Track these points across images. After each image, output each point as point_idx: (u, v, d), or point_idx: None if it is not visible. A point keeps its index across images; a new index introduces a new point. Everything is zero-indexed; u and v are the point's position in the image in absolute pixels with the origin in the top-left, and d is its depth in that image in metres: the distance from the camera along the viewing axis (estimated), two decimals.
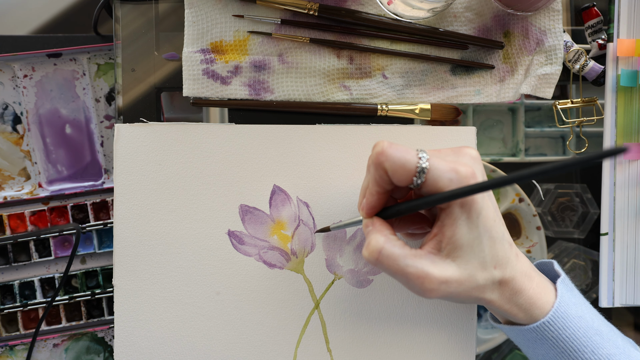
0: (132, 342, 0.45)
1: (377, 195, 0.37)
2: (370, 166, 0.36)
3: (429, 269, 0.35)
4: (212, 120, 0.48)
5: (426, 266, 0.35)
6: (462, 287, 0.36)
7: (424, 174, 0.35)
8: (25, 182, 0.53)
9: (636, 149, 0.48)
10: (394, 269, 0.35)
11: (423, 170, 0.34)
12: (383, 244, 0.35)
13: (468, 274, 0.36)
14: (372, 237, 0.36)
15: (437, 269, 0.35)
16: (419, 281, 0.35)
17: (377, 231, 0.36)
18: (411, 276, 0.35)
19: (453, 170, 0.35)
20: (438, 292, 0.35)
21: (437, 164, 0.35)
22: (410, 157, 0.35)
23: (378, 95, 0.48)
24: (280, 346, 0.45)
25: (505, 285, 0.37)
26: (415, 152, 0.35)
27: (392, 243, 0.35)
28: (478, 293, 0.37)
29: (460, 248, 0.35)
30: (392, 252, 0.35)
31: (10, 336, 0.52)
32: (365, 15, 0.47)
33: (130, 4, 0.48)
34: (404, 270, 0.35)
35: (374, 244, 0.35)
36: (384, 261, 0.35)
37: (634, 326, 0.51)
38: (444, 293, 0.35)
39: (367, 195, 0.37)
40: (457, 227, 0.35)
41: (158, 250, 0.45)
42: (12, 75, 0.52)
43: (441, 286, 0.35)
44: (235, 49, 0.47)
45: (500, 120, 0.51)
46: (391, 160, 0.35)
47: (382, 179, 0.36)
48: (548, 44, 0.48)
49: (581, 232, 0.51)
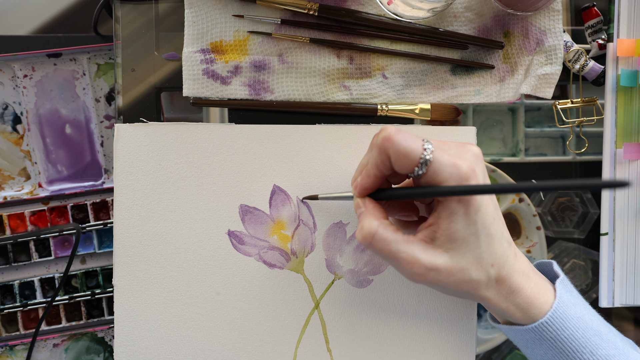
0: (132, 342, 0.45)
1: (374, 178, 0.37)
2: (373, 148, 0.37)
3: (419, 255, 0.36)
4: (212, 120, 0.48)
5: (417, 252, 0.36)
6: (453, 278, 0.36)
7: (426, 166, 0.35)
8: (25, 182, 0.53)
9: (636, 149, 0.48)
10: (386, 252, 0.36)
11: (426, 162, 0.35)
12: (377, 228, 0.36)
13: (460, 267, 0.36)
14: (365, 220, 0.36)
15: (427, 256, 0.36)
16: (409, 266, 0.36)
17: (371, 214, 0.37)
18: (402, 261, 0.36)
19: (454, 165, 0.35)
20: (426, 278, 0.36)
21: (440, 157, 0.35)
22: (416, 146, 0.35)
23: (378, 95, 0.48)
24: (280, 346, 0.45)
25: (502, 283, 0.37)
26: (421, 143, 0.35)
27: (386, 228, 0.36)
28: (471, 288, 0.37)
29: (454, 241, 0.36)
30: (385, 237, 0.36)
31: (10, 336, 0.52)
32: (365, 15, 0.47)
33: (130, 4, 0.48)
34: (395, 254, 0.36)
35: (367, 228, 0.36)
36: (376, 245, 0.36)
37: (634, 325, 0.51)
38: (433, 280, 0.36)
39: (363, 176, 0.38)
40: (453, 221, 0.35)
41: (158, 250, 0.45)
42: (12, 75, 0.52)
43: (430, 273, 0.36)
44: (235, 49, 0.47)
45: (500, 120, 0.51)
46: (396, 147, 0.35)
47: (383, 163, 0.36)
48: (548, 44, 0.48)
49: (581, 232, 0.51)
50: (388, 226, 0.36)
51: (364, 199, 0.38)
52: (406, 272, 0.36)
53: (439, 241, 0.36)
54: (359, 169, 0.38)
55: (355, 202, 0.38)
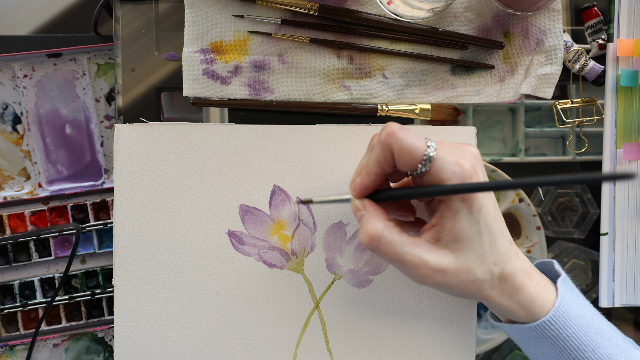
0: (132, 342, 0.45)
1: (375, 176, 0.37)
2: (376, 145, 0.36)
3: (427, 257, 0.35)
4: (212, 120, 0.48)
5: (424, 254, 0.35)
6: (459, 278, 0.36)
7: (429, 163, 0.35)
8: (25, 182, 0.53)
9: (636, 149, 0.48)
10: (392, 255, 0.35)
11: (430, 158, 0.35)
12: (382, 231, 0.35)
13: (466, 267, 0.36)
14: (369, 223, 0.36)
15: (435, 257, 0.35)
16: (416, 268, 0.35)
17: (374, 217, 0.36)
18: (409, 263, 0.35)
19: (457, 164, 0.35)
20: (434, 280, 0.35)
21: (443, 155, 0.35)
22: (419, 143, 0.35)
23: (378, 95, 0.48)
24: (280, 346, 0.45)
25: (505, 281, 0.37)
26: (424, 140, 0.35)
27: (391, 230, 0.36)
28: (476, 288, 0.37)
29: (459, 241, 0.36)
30: (390, 240, 0.35)
31: (10, 336, 0.52)
32: (365, 15, 0.47)
33: (130, 4, 0.48)
34: (402, 257, 0.35)
35: (372, 231, 0.35)
36: (382, 248, 0.35)
37: (633, 325, 0.51)
38: (440, 281, 0.36)
39: (363, 174, 0.37)
40: (457, 220, 0.35)
41: (158, 250, 0.45)
42: (12, 75, 0.52)
43: (437, 274, 0.35)
44: (235, 49, 0.47)
45: (500, 120, 0.51)
46: (400, 143, 0.35)
47: (386, 160, 0.36)
48: (548, 44, 0.48)
49: (581, 232, 0.51)
50: (393, 228, 0.36)
51: (364, 200, 0.37)
52: (413, 275, 0.36)
53: (444, 241, 0.36)
54: (358, 170, 0.38)
55: (354, 204, 0.38)
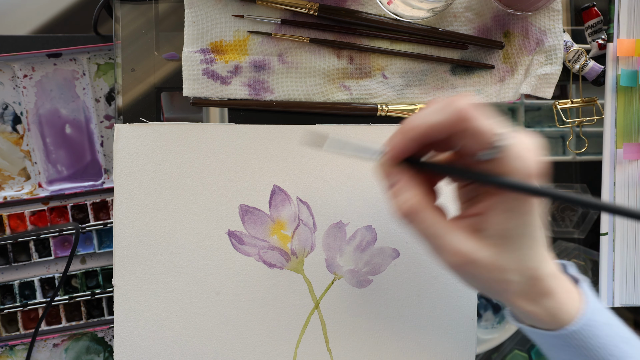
0: (132, 342, 0.45)
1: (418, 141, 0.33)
2: (446, 108, 0.32)
3: (462, 245, 0.33)
4: (212, 120, 0.48)
5: (460, 242, 0.33)
6: (490, 275, 0.34)
7: (501, 150, 0.32)
8: (25, 182, 0.53)
9: (636, 149, 0.48)
10: (426, 233, 0.34)
11: (503, 147, 0.32)
12: (420, 206, 0.33)
13: (502, 265, 0.34)
14: (407, 193, 0.33)
15: (471, 248, 0.33)
16: (448, 254, 0.33)
17: (412, 187, 0.33)
18: (442, 247, 0.33)
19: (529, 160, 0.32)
20: (463, 268, 0.34)
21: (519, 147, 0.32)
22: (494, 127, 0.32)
23: (378, 95, 0.48)
24: (280, 346, 0.45)
25: (534, 286, 0.35)
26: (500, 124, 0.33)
27: (429, 205, 0.33)
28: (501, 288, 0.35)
29: (506, 238, 0.33)
30: (427, 217, 0.33)
31: (10, 336, 0.52)
32: (365, 15, 0.47)
33: (130, 4, 0.48)
34: (437, 239, 0.33)
35: (410, 204, 0.33)
36: (418, 223, 0.33)
37: (634, 325, 0.51)
38: (468, 272, 0.34)
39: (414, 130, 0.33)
40: (510, 217, 0.33)
41: (158, 250, 0.45)
42: (12, 75, 0.52)
43: (468, 265, 0.33)
44: (235, 49, 0.47)
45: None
46: (479, 121, 0.32)
47: (448, 128, 0.32)
48: (548, 44, 0.48)
49: (581, 232, 0.51)
50: (431, 203, 0.33)
51: (399, 166, 0.34)
52: (442, 257, 0.34)
53: (487, 234, 0.34)
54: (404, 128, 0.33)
55: (387, 167, 0.34)
